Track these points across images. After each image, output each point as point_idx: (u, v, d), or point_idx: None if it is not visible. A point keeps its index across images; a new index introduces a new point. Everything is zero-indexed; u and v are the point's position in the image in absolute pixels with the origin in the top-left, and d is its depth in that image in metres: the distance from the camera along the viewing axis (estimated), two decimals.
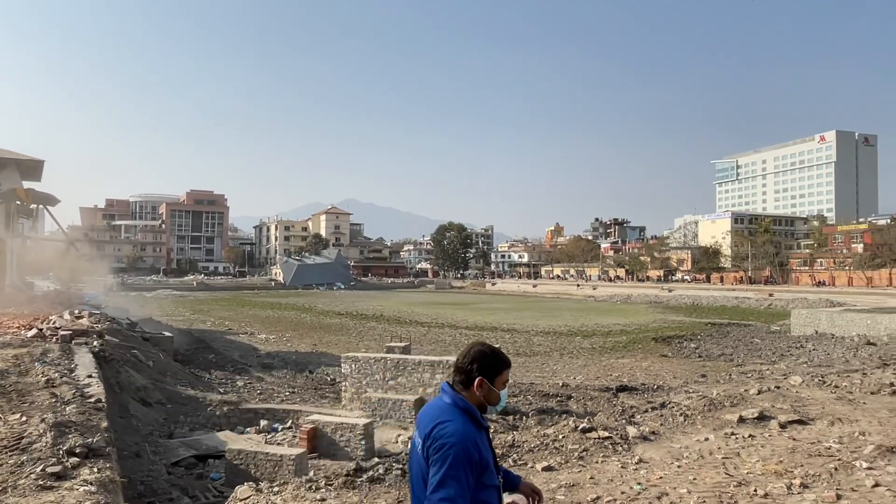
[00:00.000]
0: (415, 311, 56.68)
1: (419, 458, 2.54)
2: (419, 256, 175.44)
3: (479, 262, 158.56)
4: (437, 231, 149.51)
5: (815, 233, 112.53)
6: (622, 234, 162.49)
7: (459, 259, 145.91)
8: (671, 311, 58.35)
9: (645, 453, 7.32)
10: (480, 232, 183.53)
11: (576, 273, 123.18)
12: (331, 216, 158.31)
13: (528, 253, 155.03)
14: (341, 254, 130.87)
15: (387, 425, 13.96)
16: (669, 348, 31.45)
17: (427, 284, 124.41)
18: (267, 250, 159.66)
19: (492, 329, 40.92)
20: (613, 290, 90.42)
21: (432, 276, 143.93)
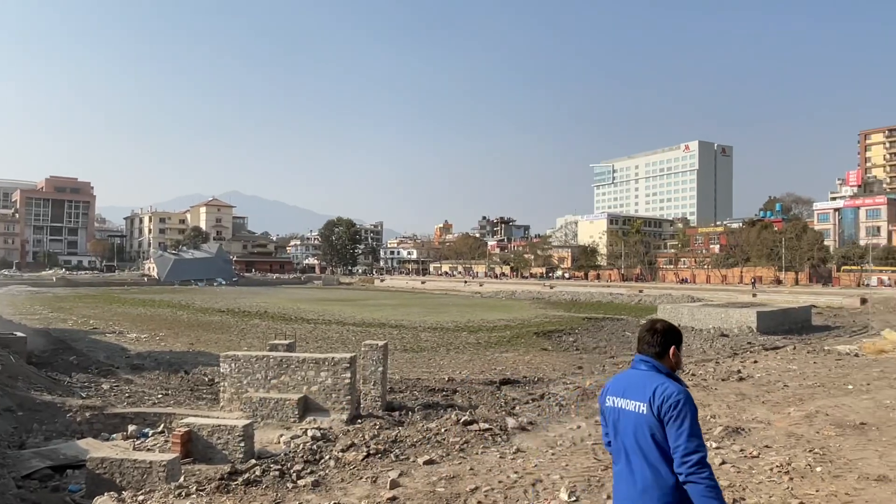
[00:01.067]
0: (301, 307, 55.31)
1: (645, 419, 2.84)
2: (306, 252, 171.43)
3: (368, 259, 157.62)
4: (325, 226, 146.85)
5: (679, 234, 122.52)
6: (508, 232, 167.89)
7: (348, 255, 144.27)
8: (552, 307, 61.10)
9: (522, 443, 7.63)
10: (370, 228, 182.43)
11: (463, 270, 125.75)
12: (212, 208, 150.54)
13: (417, 250, 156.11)
14: (223, 248, 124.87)
15: (268, 426, 13.52)
16: (550, 342, 32.91)
17: (314, 280, 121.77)
18: (139, 243, 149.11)
19: (380, 325, 40.82)
20: (499, 287, 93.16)
21: (320, 272, 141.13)
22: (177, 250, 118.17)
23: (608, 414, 3.06)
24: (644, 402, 2.85)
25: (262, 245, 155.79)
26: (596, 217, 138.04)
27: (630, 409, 2.91)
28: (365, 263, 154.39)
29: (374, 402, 14.84)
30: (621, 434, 2.95)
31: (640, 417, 2.85)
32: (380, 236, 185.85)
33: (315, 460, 7.54)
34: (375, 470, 6.70)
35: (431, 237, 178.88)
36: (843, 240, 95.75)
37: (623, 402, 2.95)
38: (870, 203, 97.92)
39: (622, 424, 2.94)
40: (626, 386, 2.99)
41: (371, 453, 7.28)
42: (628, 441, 2.90)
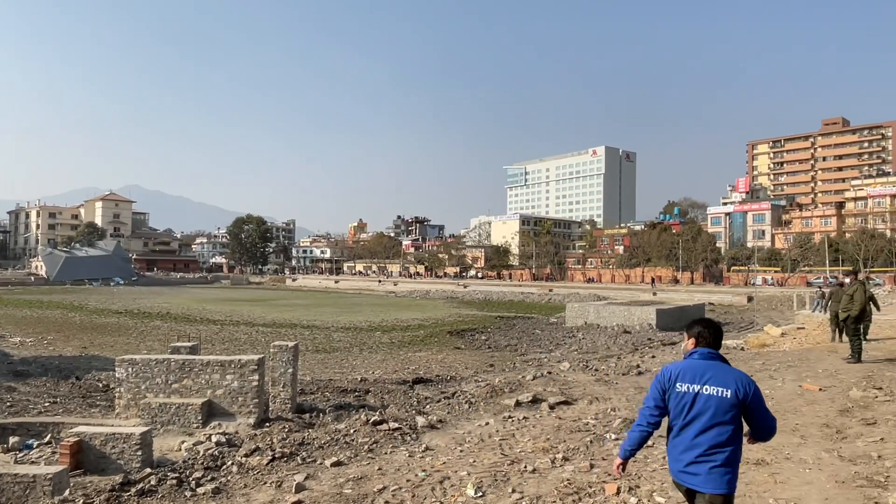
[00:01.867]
0: (207, 308, 53.07)
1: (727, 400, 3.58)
2: (214, 250, 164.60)
3: (279, 258, 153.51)
4: (234, 223, 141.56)
5: (587, 235, 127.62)
6: (423, 231, 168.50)
7: (258, 254, 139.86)
8: (465, 306, 61.93)
9: (431, 441, 7.68)
10: (281, 226, 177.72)
11: (378, 269, 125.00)
12: (109, 203, 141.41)
13: (330, 248, 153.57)
14: (121, 246, 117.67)
15: (169, 432, 12.88)
16: (463, 341, 33.37)
17: (222, 280, 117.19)
18: (25, 240, 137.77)
19: (291, 326, 39.88)
20: (413, 286, 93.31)
21: (228, 271, 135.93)
22: (69, 247, 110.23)
23: (679, 395, 3.68)
24: (731, 389, 3.60)
25: (165, 243, 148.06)
26: (509, 218, 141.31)
27: (712, 393, 3.61)
28: (276, 262, 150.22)
29: (283, 404, 14.47)
30: (697, 411, 3.63)
31: (725, 399, 3.59)
32: (292, 234, 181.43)
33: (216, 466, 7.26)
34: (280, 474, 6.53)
35: (345, 236, 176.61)
36: (733, 242, 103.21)
37: (702, 387, 3.64)
38: (756, 209, 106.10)
39: (707, 403, 3.61)
40: (705, 371, 3.69)
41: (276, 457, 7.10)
42: (711, 416, 3.60)
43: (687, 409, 3.62)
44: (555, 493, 5.67)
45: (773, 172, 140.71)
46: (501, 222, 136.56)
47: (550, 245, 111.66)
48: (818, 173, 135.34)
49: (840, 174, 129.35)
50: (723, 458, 3.54)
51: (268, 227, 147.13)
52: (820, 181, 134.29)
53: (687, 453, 3.62)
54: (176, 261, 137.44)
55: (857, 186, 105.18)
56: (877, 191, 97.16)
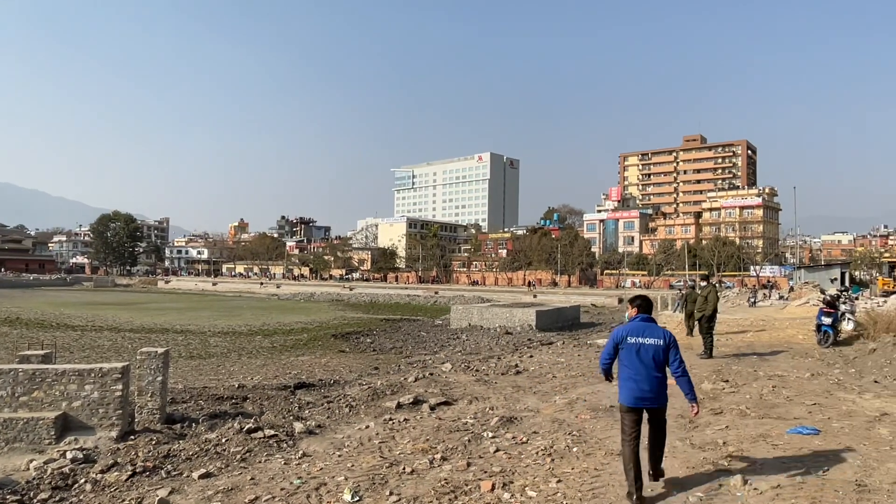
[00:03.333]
0: (65, 312, 48.57)
1: (659, 348, 5.30)
2: (74, 249, 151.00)
3: (150, 258, 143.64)
4: (98, 221, 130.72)
5: (472, 239, 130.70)
6: (308, 233, 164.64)
7: (126, 254, 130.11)
8: (351, 309, 61.23)
9: (309, 447, 7.51)
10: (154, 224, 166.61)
11: (260, 271, 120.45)
12: None
13: (208, 249, 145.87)
14: None
15: (15, 450, 11.61)
16: (348, 344, 32.94)
17: (84, 282, 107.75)
18: None
19: (162, 331, 37.43)
20: (297, 289, 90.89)
21: (91, 272, 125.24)
22: None
23: (630, 346, 5.30)
24: (662, 339, 5.33)
25: (16, 240, 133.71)
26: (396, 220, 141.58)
27: (647, 342, 5.30)
28: (147, 263, 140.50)
29: (151, 415, 13.51)
30: (646, 356, 5.27)
31: (658, 347, 5.29)
32: (165, 234, 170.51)
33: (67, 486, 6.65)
34: (141, 490, 6.10)
35: (225, 236, 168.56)
36: (607, 247, 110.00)
37: (643, 339, 5.30)
38: (626, 216, 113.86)
39: (643, 350, 5.28)
40: (642, 328, 5.37)
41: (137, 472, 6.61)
42: (646, 359, 5.27)
43: (635, 353, 5.28)
44: (432, 494, 5.74)
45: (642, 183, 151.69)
46: (389, 225, 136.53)
47: (437, 248, 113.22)
48: (680, 185, 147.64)
49: (698, 186, 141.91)
50: (661, 384, 5.32)
51: (137, 226, 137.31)
52: (681, 192, 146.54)
53: (638, 385, 5.26)
54: (29, 260, 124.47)
55: (712, 198, 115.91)
56: (728, 202, 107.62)
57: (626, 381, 5.29)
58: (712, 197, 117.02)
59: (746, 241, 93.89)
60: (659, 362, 5.24)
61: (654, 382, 5.24)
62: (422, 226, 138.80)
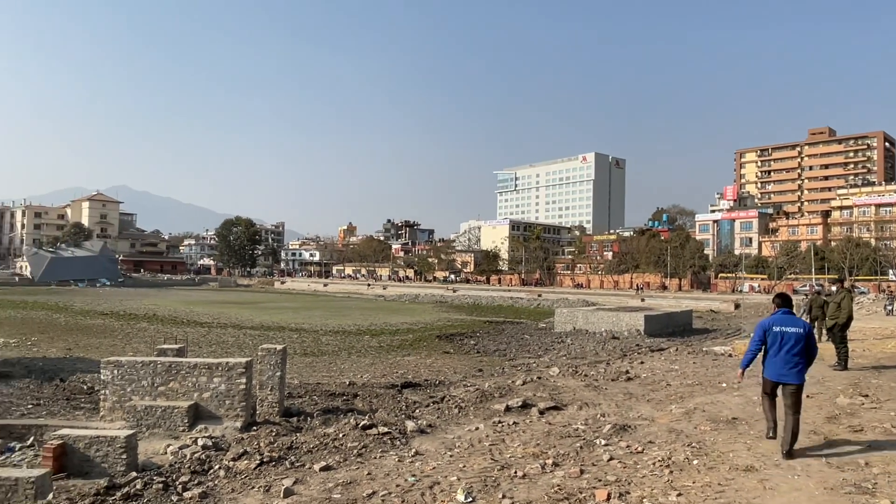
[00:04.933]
0: (194, 310, 52.68)
1: (800, 335, 6.49)
2: (202, 252, 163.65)
3: (268, 260, 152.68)
4: (222, 225, 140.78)
5: (576, 241, 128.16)
6: (412, 235, 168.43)
7: (247, 256, 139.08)
8: (454, 310, 61.89)
9: (421, 445, 7.64)
10: (271, 228, 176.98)
11: (367, 272, 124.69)
12: (96, 203, 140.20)
13: (319, 251, 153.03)
14: (108, 246, 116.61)
15: (155, 436, 12.73)
16: (452, 345, 33.32)
17: (210, 282, 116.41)
18: (10, 240, 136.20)
19: (279, 329, 39.66)
20: (403, 290, 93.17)
21: (216, 273, 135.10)
22: (54, 248, 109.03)
23: (775, 333, 6.52)
24: (802, 329, 6.52)
25: (153, 244, 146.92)
26: (499, 223, 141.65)
27: (790, 330, 6.49)
28: (265, 265, 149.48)
29: (270, 408, 14.36)
30: (789, 342, 6.46)
31: (800, 334, 6.48)
32: (281, 237, 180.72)
33: (204, 470, 7.18)
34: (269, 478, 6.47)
35: (335, 239, 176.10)
36: (721, 249, 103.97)
37: (786, 328, 6.51)
38: (743, 216, 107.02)
39: (787, 337, 6.47)
40: (785, 319, 6.61)
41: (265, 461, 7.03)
42: (791, 346, 6.45)
43: (780, 340, 6.48)
44: (545, 499, 5.65)
45: (761, 181, 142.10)
46: (491, 227, 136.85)
47: (540, 250, 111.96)
48: (805, 182, 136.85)
49: (826, 183, 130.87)
50: (801, 365, 6.48)
51: (257, 230, 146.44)
52: (806, 190, 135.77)
53: (782, 366, 6.45)
54: (163, 262, 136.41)
55: (842, 196, 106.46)
56: (862, 200, 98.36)
57: (770, 360, 6.55)
58: (843, 194, 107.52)
59: (884, 242, 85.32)
60: (799, 348, 6.41)
61: (792, 363, 6.41)
62: (524, 228, 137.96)
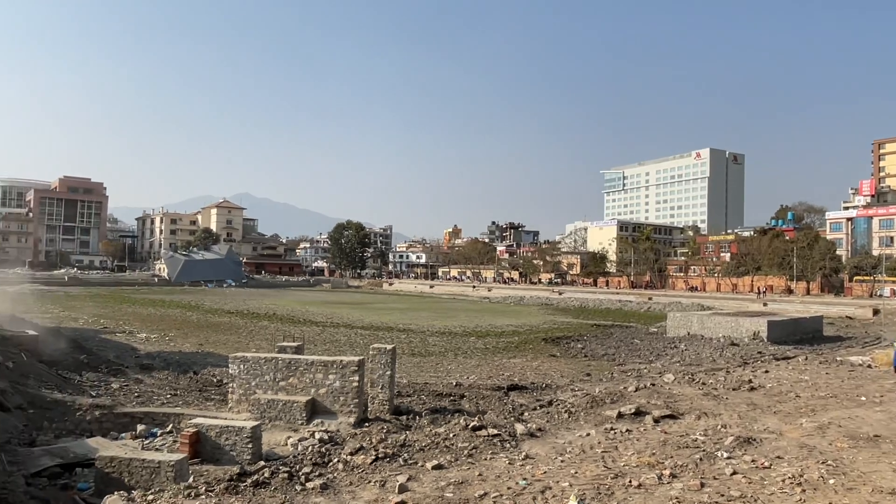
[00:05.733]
0: (309, 310, 55.43)
1: None
2: (316, 254, 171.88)
3: (377, 262, 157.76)
4: (334, 229, 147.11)
5: (689, 242, 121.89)
6: (517, 237, 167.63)
7: (357, 258, 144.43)
8: (561, 313, 60.87)
9: (531, 449, 7.58)
10: (379, 231, 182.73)
11: (472, 274, 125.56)
12: (222, 210, 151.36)
13: (426, 254, 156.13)
14: (233, 250, 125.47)
15: (276, 428, 13.51)
16: (558, 348, 32.79)
17: (323, 283, 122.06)
18: (150, 244, 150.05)
19: (388, 329, 40.83)
20: (508, 292, 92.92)
21: (329, 274, 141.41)
22: (187, 251, 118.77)
23: None
24: None
25: (272, 247, 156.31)
26: (606, 223, 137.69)
27: None
28: (374, 267, 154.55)
29: (381, 405, 14.82)
30: None
31: None
32: (389, 240, 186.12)
33: (324, 463, 7.53)
34: (384, 474, 6.68)
35: (440, 241, 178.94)
36: (856, 249, 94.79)
37: None
38: (883, 213, 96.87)
39: None
40: None
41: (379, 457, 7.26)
42: None
43: None
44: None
45: None
46: (598, 228, 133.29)
47: (650, 252, 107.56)
48: None
49: None
50: None
51: (366, 233, 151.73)
52: None
53: None
54: (281, 264, 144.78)
55: None
56: None
57: None
58: None
59: None
60: None
61: None
62: (634, 228, 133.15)
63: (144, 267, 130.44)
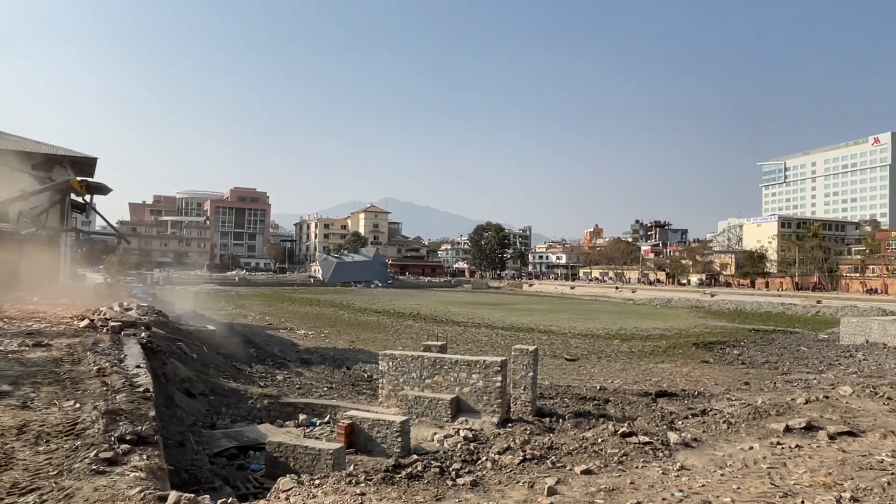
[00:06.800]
0: (451, 310, 56.76)
1: None
2: (456, 256, 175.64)
3: (516, 263, 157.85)
4: (474, 231, 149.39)
5: (867, 238, 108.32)
6: (663, 236, 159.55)
7: (497, 259, 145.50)
8: (713, 317, 57.03)
9: (687, 460, 7.18)
10: (518, 232, 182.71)
11: (614, 275, 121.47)
12: (370, 215, 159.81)
13: (566, 254, 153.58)
14: (379, 252, 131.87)
15: (423, 424, 14.01)
16: (711, 354, 30.79)
17: (464, 284, 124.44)
18: (307, 247, 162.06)
19: (528, 330, 40.70)
20: (653, 294, 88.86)
21: (469, 275, 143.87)
22: (338, 254, 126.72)
23: None
24: None
25: (415, 249, 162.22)
26: (764, 220, 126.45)
27: None
28: (513, 268, 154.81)
29: (524, 406, 14.82)
30: None
31: None
32: (528, 241, 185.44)
33: (472, 460, 7.68)
34: (532, 475, 6.67)
35: (581, 242, 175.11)
36: None
37: None
38: None
39: None
40: None
41: (527, 458, 7.27)
42: None
43: None
44: None
45: None
46: (755, 225, 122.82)
47: (818, 250, 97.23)
48: None
49: None
50: None
51: (505, 234, 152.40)
52: None
53: None
54: (424, 266, 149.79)
55: None
56: None
57: None
58: None
59: None
60: None
61: None
62: (797, 225, 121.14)
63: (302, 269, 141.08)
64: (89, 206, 31.99)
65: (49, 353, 10.98)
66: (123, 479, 5.19)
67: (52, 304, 20.03)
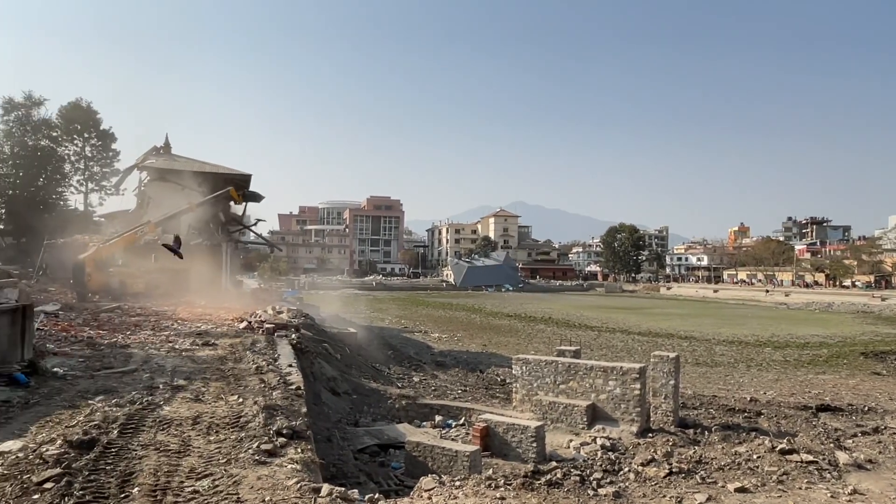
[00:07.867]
0: (584, 314, 55.43)
1: None
2: (588, 259, 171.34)
3: (652, 265, 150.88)
4: (607, 232, 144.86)
5: None
6: (821, 234, 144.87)
7: (631, 262, 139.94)
8: (885, 323, 50.81)
9: (860, 483, 6.43)
10: (654, 233, 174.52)
11: (764, 277, 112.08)
12: (499, 219, 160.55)
13: (707, 255, 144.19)
14: (509, 256, 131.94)
15: (557, 430, 13.79)
16: (884, 365, 27.46)
17: (596, 287, 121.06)
18: (438, 252, 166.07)
19: (667, 336, 38.71)
20: (810, 297, 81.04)
21: (602, 278, 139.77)
22: (469, 258, 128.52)
23: None
24: None
25: (545, 252, 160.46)
26: None
27: None
28: (649, 270, 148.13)
29: (664, 416, 14.10)
30: None
31: None
32: (665, 242, 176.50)
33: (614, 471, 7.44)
34: (679, 490, 6.31)
35: (724, 242, 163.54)
36: None
37: None
38: None
39: None
40: None
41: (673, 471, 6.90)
42: None
43: None
44: None
45: None
46: None
47: None
48: None
49: None
50: None
51: (640, 235, 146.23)
52: None
53: None
54: (555, 269, 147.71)
55: None
56: None
57: None
58: None
59: None
60: None
61: None
62: None
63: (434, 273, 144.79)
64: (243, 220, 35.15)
65: (215, 352, 12.17)
66: (282, 469, 5.62)
67: (216, 307, 22.21)
